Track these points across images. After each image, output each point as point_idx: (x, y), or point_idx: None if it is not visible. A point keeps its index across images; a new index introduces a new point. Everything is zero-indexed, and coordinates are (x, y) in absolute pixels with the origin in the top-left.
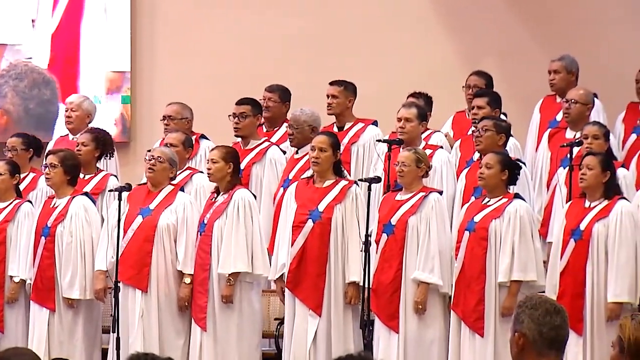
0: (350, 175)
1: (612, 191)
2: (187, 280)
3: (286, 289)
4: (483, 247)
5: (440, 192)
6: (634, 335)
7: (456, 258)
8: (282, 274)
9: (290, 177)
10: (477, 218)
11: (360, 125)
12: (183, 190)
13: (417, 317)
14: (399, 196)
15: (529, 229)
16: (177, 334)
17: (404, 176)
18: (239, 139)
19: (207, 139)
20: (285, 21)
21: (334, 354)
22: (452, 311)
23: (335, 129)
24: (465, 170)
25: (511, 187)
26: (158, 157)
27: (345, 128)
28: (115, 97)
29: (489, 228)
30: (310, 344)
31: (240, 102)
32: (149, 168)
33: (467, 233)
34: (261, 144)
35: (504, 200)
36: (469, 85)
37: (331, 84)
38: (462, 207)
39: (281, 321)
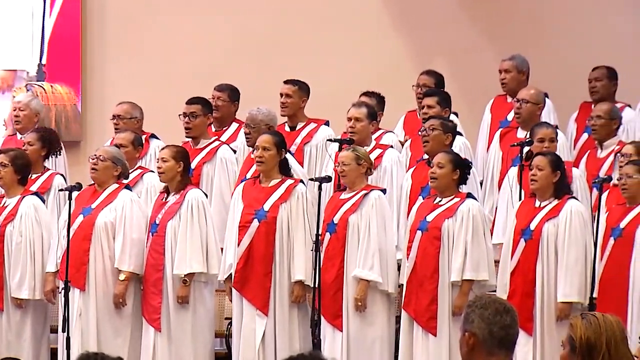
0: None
1: (562, 191)
2: (122, 277)
3: (234, 289)
4: (436, 246)
5: (383, 190)
6: (585, 334)
7: (407, 258)
8: (230, 274)
9: (248, 177)
10: (429, 217)
11: (312, 125)
12: (130, 189)
13: (360, 315)
14: (343, 195)
15: (482, 229)
16: (115, 333)
17: (346, 175)
18: (189, 139)
19: (157, 138)
20: (236, 20)
21: (279, 353)
22: (402, 311)
23: (287, 129)
24: (411, 170)
25: (461, 186)
26: (100, 156)
27: (298, 128)
28: None
29: (442, 227)
30: (259, 344)
31: (191, 102)
32: (92, 168)
33: (419, 232)
34: (211, 143)
35: (457, 199)
36: (419, 84)
37: (285, 83)
38: (409, 206)
39: (232, 320)
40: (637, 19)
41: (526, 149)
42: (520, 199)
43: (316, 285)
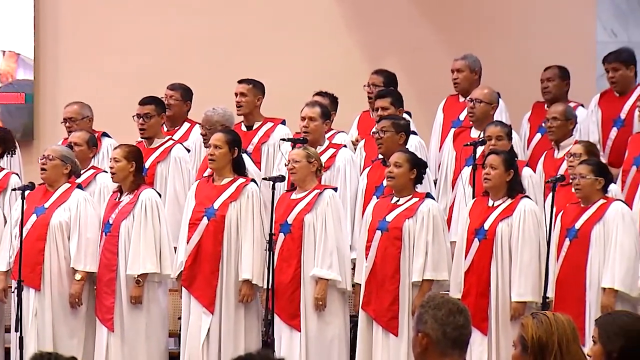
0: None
1: (515, 190)
2: (78, 276)
3: (182, 287)
4: (397, 246)
5: (335, 189)
6: (537, 334)
7: (366, 258)
8: (181, 272)
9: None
10: (389, 218)
11: (269, 124)
12: (82, 189)
13: (318, 315)
14: (294, 195)
15: (441, 229)
16: (71, 333)
17: (296, 172)
18: (144, 139)
19: (109, 136)
20: (190, 19)
21: (223, 352)
22: (361, 310)
23: (244, 128)
24: (367, 170)
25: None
26: (48, 155)
27: (255, 127)
28: None
29: (402, 228)
30: (204, 342)
31: (144, 102)
32: (41, 168)
33: (379, 232)
34: (165, 142)
35: (416, 199)
36: (370, 84)
37: (240, 82)
38: (364, 206)
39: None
40: (588, 18)
41: (479, 149)
42: (473, 198)
43: (269, 286)
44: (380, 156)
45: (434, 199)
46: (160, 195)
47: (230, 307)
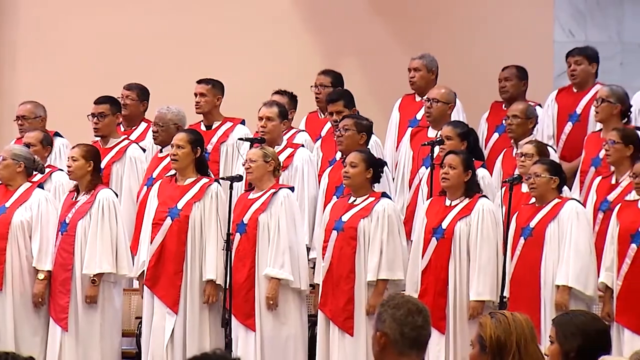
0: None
1: (472, 190)
2: (41, 276)
3: (145, 286)
4: (352, 246)
5: (292, 189)
6: (495, 333)
7: (323, 258)
8: (143, 271)
9: (154, 175)
10: (345, 217)
11: (228, 124)
12: (42, 188)
13: (273, 314)
14: (251, 195)
15: (397, 228)
16: (33, 331)
17: (252, 172)
18: (99, 138)
19: (61, 136)
20: (149, 19)
21: (188, 352)
22: (319, 311)
23: (203, 128)
24: (328, 170)
25: (375, 185)
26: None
27: (214, 127)
28: None
29: (357, 227)
30: (168, 342)
31: (99, 102)
32: None
33: (334, 232)
34: (121, 142)
35: (371, 199)
36: (317, 84)
37: (199, 82)
38: (324, 206)
39: (142, 320)
40: (545, 18)
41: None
42: (430, 198)
43: (227, 285)
44: (339, 155)
45: (390, 198)
46: (117, 195)
47: (195, 307)
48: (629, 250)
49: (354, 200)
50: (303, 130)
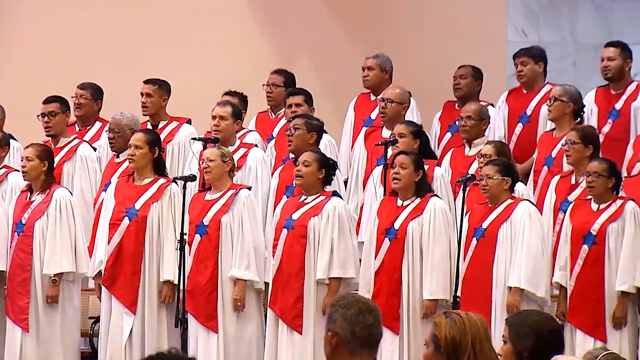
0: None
1: (423, 189)
2: None
3: (103, 287)
4: (302, 244)
5: (249, 188)
6: (450, 333)
7: (273, 256)
8: (100, 271)
9: (112, 181)
10: (295, 216)
11: (174, 123)
12: None
13: (235, 315)
14: (209, 196)
15: (347, 227)
16: None
17: (211, 172)
18: (50, 138)
19: (13, 138)
20: (99, 17)
21: (147, 352)
22: (269, 309)
23: (149, 127)
24: (279, 169)
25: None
26: None
27: (160, 126)
28: None
29: (307, 225)
30: (126, 342)
31: (48, 101)
32: None
33: (285, 231)
34: (71, 141)
35: (322, 197)
36: (269, 83)
37: (145, 82)
38: (275, 205)
39: (96, 320)
40: (499, 18)
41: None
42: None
43: (181, 286)
44: (292, 155)
45: (340, 197)
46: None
47: (152, 307)
48: (581, 252)
49: (305, 199)
50: (253, 130)
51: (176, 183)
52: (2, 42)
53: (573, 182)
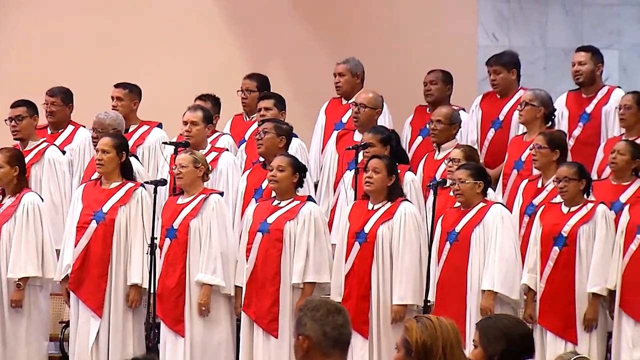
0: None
1: (395, 194)
2: None
3: (70, 290)
4: (278, 248)
5: (221, 194)
6: (421, 338)
7: (247, 259)
8: (67, 275)
9: (93, 179)
10: (270, 219)
11: (145, 127)
12: None
13: (203, 320)
14: (181, 199)
15: (323, 231)
16: None
17: (182, 177)
18: (17, 141)
19: None
20: (71, 21)
21: (112, 355)
22: (242, 312)
23: None
24: (247, 172)
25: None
26: None
27: (131, 130)
28: None
29: (283, 229)
30: (92, 345)
31: (15, 105)
32: None
33: (259, 234)
34: (39, 144)
35: (297, 202)
36: (243, 89)
37: (116, 86)
38: (243, 208)
39: (67, 324)
40: (469, 22)
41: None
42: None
43: (151, 290)
44: (261, 159)
45: (315, 202)
46: (42, 199)
47: (119, 311)
48: (552, 253)
49: (279, 203)
50: (226, 134)
51: (144, 187)
52: None
53: (539, 185)
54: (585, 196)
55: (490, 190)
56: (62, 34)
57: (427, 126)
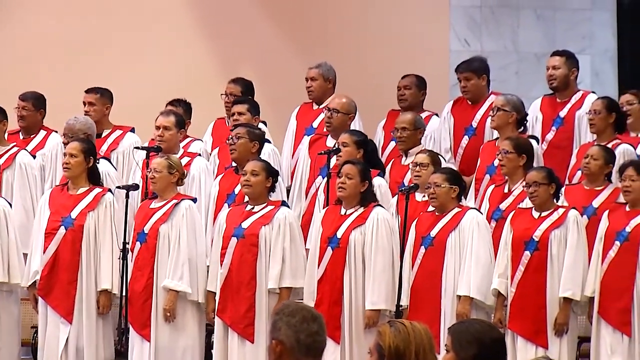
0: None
1: (368, 200)
2: None
3: (39, 296)
4: (253, 253)
5: (194, 200)
6: (394, 342)
7: (221, 264)
8: (35, 281)
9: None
10: (245, 224)
11: (118, 132)
12: None
13: (170, 325)
14: (154, 204)
15: (298, 236)
16: None
17: (156, 182)
18: None
19: None
20: (41, 25)
21: None
22: (217, 317)
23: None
24: (220, 177)
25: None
26: None
27: (104, 135)
28: None
29: (259, 234)
30: (62, 352)
31: None
32: None
33: (234, 239)
34: (10, 149)
35: (271, 207)
36: (227, 93)
37: (87, 91)
38: (215, 213)
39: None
40: (441, 27)
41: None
42: (327, 206)
43: (123, 294)
44: (234, 164)
45: (288, 207)
46: (10, 205)
47: (89, 317)
48: (523, 258)
49: (252, 208)
50: (198, 139)
51: (112, 192)
52: None
53: (506, 190)
54: (554, 201)
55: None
56: (34, 39)
57: (392, 134)
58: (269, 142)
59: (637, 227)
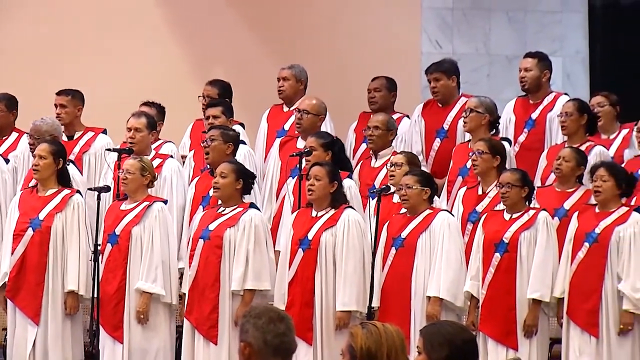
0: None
1: (338, 201)
2: None
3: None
4: (218, 255)
5: (165, 202)
6: (366, 344)
7: (189, 266)
8: (5, 283)
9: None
10: (211, 226)
11: (90, 134)
12: None
13: (142, 327)
14: (124, 205)
15: (264, 239)
16: None
17: (127, 184)
18: None
19: None
20: (12, 28)
21: None
22: (185, 319)
23: (65, 138)
24: (195, 180)
25: (245, 197)
26: None
27: (76, 137)
28: None
29: (223, 236)
30: (30, 353)
31: None
32: None
33: (201, 241)
34: None
35: (239, 209)
36: (204, 95)
37: (58, 94)
38: (191, 215)
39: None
40: (413, 29)
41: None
42: (298, 208)
43: (95, 296)
44: (209, 166)
45: (258, 209)
46: None
47: (56, 318)
48: (493, 259)
49: (222, 210)
50: (169, 141)
51: (80, 194)
52: None
53: (480, 192)
54: (527, 204)
55: (435, 197)
56: (6, 41)
57: (364, 132)
58: (245, 143)
59: (606, 229)
